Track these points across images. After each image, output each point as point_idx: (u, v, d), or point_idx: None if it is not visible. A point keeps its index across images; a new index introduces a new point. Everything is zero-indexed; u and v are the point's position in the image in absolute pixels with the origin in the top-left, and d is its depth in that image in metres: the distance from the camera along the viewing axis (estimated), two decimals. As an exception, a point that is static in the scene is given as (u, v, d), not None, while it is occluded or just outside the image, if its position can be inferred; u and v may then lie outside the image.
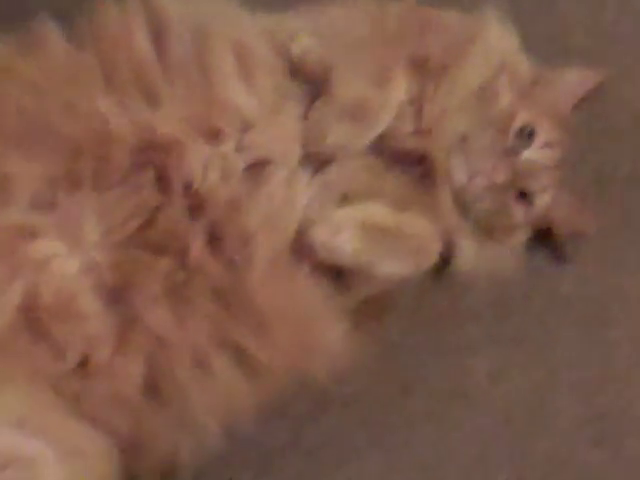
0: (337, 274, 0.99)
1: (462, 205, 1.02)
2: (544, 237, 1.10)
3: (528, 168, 1.02)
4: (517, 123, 1.02)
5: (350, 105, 0.97)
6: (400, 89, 0.98)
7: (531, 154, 1.03)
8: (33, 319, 0.91)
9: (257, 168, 0.96)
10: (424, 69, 0.99)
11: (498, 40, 1.04)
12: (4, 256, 0.91)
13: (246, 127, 0.96)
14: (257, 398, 0.98)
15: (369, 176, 1.01)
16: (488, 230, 1.03)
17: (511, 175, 1.00)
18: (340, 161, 0.99)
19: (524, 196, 1.03)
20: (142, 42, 0.95)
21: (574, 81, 1.07)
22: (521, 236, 1.07)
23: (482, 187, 1.01)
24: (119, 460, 0.94)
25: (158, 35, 0.96)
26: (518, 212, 1.03)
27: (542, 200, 1.04)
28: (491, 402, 1.10)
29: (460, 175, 1.00)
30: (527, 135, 1.02)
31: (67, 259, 0.92)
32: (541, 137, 1.03)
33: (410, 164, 1.01)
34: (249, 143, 0.96)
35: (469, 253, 1.04)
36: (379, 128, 0.99)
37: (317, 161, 0.98)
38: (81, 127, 0.92)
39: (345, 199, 0.99)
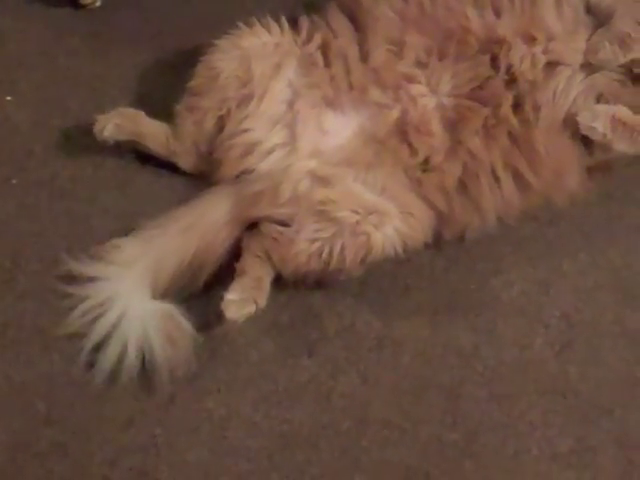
0: (587, 142, 1.49)
1: None
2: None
3: None
4: None
5: (619, 35, 1.46)
6: None
7: None
8: (403, 129, 1.49)
9: (552, 66, 1.48)
10: None
11: None
12: (394, 90, 1.49)
13: (551, 38, 1.47)
14: (520, 206, 1.51)
15: (618, 86, 1.49)
16: None
17: None
18: (603, 72, 1.49)
19: None
20: None
21: None
22: None
23: None
24: (432, 224, 1.51)
25: None
26: None
27: None
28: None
29: None
30: None
31: (429, 98, 1.49)
32: None
33: None
34: (551, 49, 1.47)
35: None
36: (633, 55, 1.47)
37: (589, 69, 1.48)
38: (455, 22, 1.49)
39: (600, 97, 1.49)
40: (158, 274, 1.46)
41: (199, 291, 1.48)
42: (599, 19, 1.50)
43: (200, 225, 1.49)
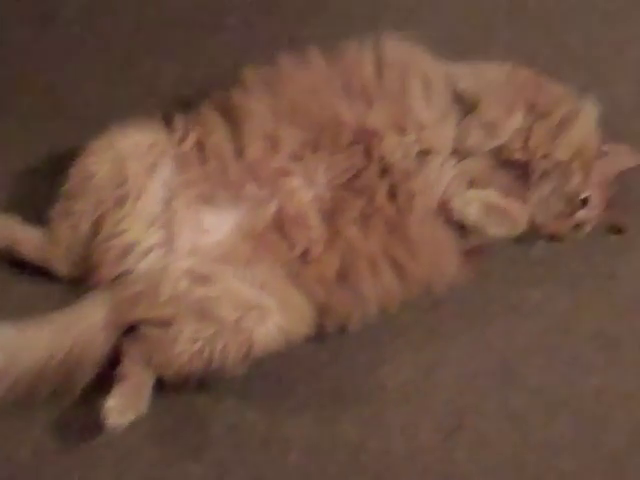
0: (462, 228, 1.52)
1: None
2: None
3: (579, 221, 1.56)
4: (580, 197, 1.54)
5: (487, 122, 1.51)
6: (518, 120, 1.51)
7: (583, 214, 1.55)
8: (280, 223, 1.48)
9: (424, 154, 1.51)
10: (534, 112, 1.51)
11: (588, 130, 1.54)
12: (270, 185, 1.49)
13: (422, 128, 1.51)
14: (400, 294, 1.52)
15: (489, 170, 1.53)
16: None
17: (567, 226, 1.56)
18: (473, 158, 1.53)
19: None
20: (369, 69, 1.52)
21: (624, 157, 1.59)
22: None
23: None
24: (313, 317, 1.49)
25: (379, 66, 1.53)
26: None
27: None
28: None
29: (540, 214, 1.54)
30: (582, 202, 1.55)
31: (305, 191, 1.49)
32: (593, 203, 1.55)
33: (514, 167, 1.53)
34: (422, 138, 1.50)
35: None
36: (500, 140, 1.52)
37: (460, 155, 1.52)
38: (326, 115, 1.50)
39: (472, 182, 1.52)
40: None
41: (79, 398, 1.43)
42: (466, 107, 1.53)
43: (74, 329, 1.45)
